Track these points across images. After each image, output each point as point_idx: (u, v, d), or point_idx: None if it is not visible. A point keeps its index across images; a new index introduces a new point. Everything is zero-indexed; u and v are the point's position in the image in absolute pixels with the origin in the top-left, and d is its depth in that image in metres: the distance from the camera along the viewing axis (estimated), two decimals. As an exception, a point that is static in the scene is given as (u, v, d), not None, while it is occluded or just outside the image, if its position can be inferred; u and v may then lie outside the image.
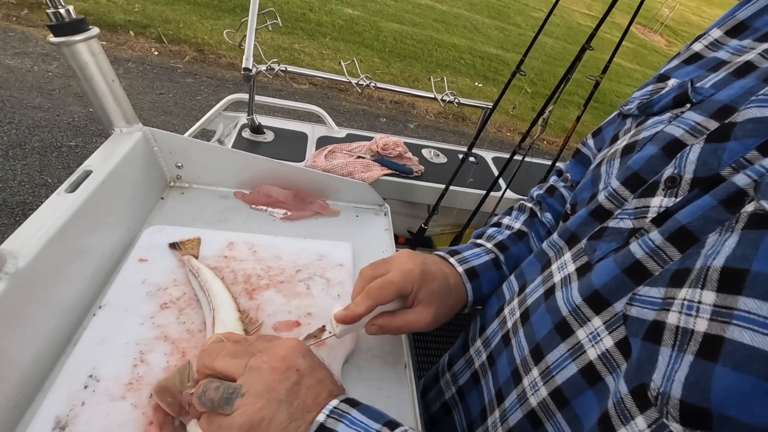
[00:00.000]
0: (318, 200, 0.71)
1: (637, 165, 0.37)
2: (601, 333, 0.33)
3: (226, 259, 0.56)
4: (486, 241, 0.55)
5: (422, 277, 0.45)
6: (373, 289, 0.43)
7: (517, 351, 0.41)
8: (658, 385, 0.26)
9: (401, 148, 1.22)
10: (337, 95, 3.55)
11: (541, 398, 0.37)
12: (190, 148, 0.65)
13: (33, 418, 0.37)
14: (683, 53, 0.44)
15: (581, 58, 0.87)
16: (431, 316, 0.45)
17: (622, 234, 0.35)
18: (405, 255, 0.47)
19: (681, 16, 10.39)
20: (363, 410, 0.34)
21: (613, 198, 0.38)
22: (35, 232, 0.42)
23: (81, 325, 0.46)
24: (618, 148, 0.42)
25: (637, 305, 0.31)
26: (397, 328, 0.45)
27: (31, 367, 0.40)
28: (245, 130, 1.21)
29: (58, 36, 0.50)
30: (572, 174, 0.57)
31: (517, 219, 0.57)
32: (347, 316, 0.42)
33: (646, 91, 0.44)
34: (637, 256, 0.32)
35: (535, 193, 0.59)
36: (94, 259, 0.50)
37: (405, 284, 0.43)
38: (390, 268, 0.45)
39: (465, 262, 0.50)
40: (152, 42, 3.43)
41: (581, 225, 0.40)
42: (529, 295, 0.43)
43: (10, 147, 2.11)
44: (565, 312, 0.37)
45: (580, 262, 0.38)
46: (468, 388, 0.48)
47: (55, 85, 2.65)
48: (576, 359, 0.35)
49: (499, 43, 5.65)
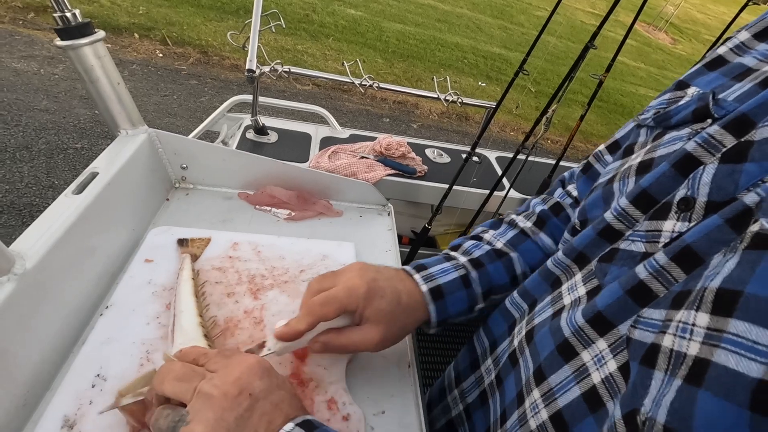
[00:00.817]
0: (321, 201, 0.71)
1: (647, 183, 0.34)
2: (605, 356, 0.32)
3: (230, 259, 0.56)
4: (461, 255, 0.51)
5: (368, 294, 0.42)
6: (314, 305, 0.40)
7: (524, 371, 0.39)
8: (647, 410, 0.25)
9: (404, 148, 1.22)
10: (340, 96, 3.56)
11: (541, 421, 0.35)
12: (195, 150, 0.66)
13: (41, 417, 0.37)
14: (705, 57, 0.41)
15: (584, 57, 0.87)
16: (378, 335, 0.42)
17: (634, 258, 0.33)
18: (355, 269, 0.44)
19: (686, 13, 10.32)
20: None
21: (622, 218, 0.36)
22: (43, 234, 0.42)
23: (88, 325, 0.46)
24: (633, 164, 0.39)
25: (640, 328, 0.29)
26: (342, 347, 0.42)
27: (39, 366, 0.40)
28: (249, 132, 1.21)
29: (65, 39, 0.51)
30: (580, 192, 0.52)
31: (502, 236, 0.53)
32: (286, 333, 0.40)
33: (663, 99, 0.41)
34: (641, 276, 0.31)
35: (538, 209, 0.54)
36: (101, 260, 0.51)
37: (349, 301, 0.41)
38: (336, 282, 0.43)
39: (430, 280, 0.47)
40: (156, 44, 3.45)
41: (589, 245, 0.38)
42: (537, 314, 0.41)
43: (17, 149, 2.13)
44: (567, 333, 0.35)
45: (590, 285, 0.36)
46: (475, 407, 0.47)
47: (60, 87, 2.67)
48: (580, 382, 0.33)
49: (502, 42, 5.64)
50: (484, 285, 0.49)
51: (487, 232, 0.54)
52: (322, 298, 0.41)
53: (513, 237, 0.52)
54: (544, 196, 0.56)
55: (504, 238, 0.52)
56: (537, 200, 0.56)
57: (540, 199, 0.56)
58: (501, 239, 0.52)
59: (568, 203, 0.54)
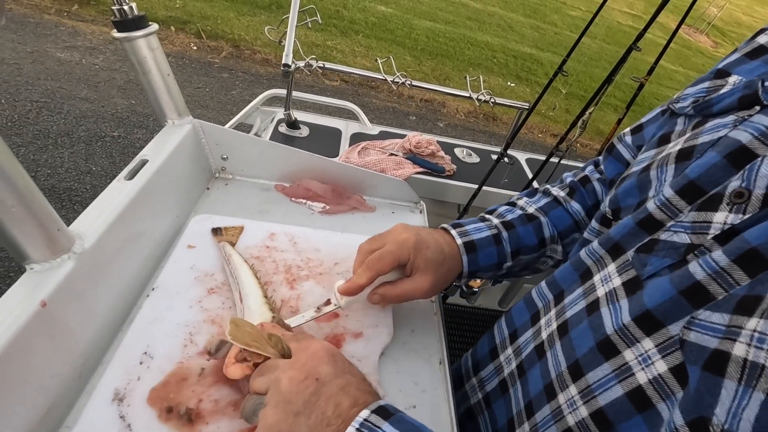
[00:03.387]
0: (355, 195, 0.72)
1: (695, 173, 0.34)
2: (652, 356, 0.31)
3: (267, 249, 0.58)
4: (494, 217, 0.55)
5: (417, 245, 0.46)
6: (372, 261, 0.45)
7: (553, 365, 0.39)
8: (722, 420, 0.25)
9: (434, 147, 1.22)
10: (368, 92, 3.57)
11: (580, 418, 0.35)
12: (236, 141, 0.68)
13: (94, 389, 0.40)
14: (744, 47, 0.40)
15: (626, 59, 0.85)
16: (429, 283, 0.47)
17: (677, 249, 0.33)
18: (400, 227, 0.49)
19: (730, 15, 9.87)
20: (396, 423, 0.31)
21: (665, 208, 0.35)
22: (98, 216, 0.45)
23: (135, 305, 0.49)
24: (672, 152, 0.38)
25: (697, 330, 0.29)
26: (398, 296, 0.47)
27: (92, 341, 0.43)
28: (282, 125, 1.23)
29: (121, 31, 0.53)
30: (606, 171, 0.54)
31: (535, 203, 0.56)
32: (350, 288, 0.44)
33: (702, 87, 0.41)
34: (698, 277, 0.30)
35: (568, 179, 0.58)
36: (148, 244, 0.53)
37: (401, 253, 0.45)
38: (386, 240, 0.47)
39: (465, 235, 0.51)
40: (191, 37, 3.54)
41: (627, 235, 0.38)
42: (568, 306, 0.41)
43: (59, 136, 2.23)
44: (609, 330, 0.35)
45: (627, 276, 0.36)
46: (495, 395, 0.47)
47: (100, 77, 2.77)
48: (622, 381, 0.33)
49: (534, 42, 5.53)
50: (513, 245, 0.53)
51: (521, 199, 0.58)
52: (378, 254, 0.45)
53: (545, 204, 0.56)
54: (576, 171, 0.59)
55: (536, 204, 0.56)
56: (569, 174, 0.60)
57: (572, 173, 0.59)
58: (534, 205, 0.56)
59: (595, 177, 0.56)
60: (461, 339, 1.38)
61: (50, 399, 0.37)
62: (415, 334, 0.53)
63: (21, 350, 0.34)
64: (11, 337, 0.33)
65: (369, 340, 0.49)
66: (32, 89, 2.47)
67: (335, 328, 0.50)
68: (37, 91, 2.47)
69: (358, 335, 0.49)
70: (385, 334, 0.50)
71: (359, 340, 0.49)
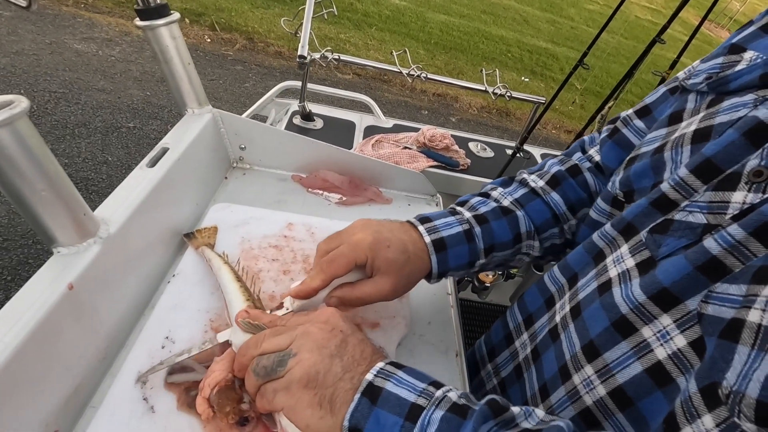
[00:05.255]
0: (371, 187, 0.72)
1: (711, 151, 0.33)
2: (671, 332, 0.32)
3: (285, 238, 0.58)
4: (466, 210, 0.51)
5: (374, 245, 0.43)
6: (324, 263, 0.42)
7: (567, 347, 0.39)
8: (732, 383, 0.25)
9: (448, 141, 1.21)
10: (380, 86, 3.56)
11: (598, 397, 0.35)
12: (254, 131, 0.68)
13: (119, 371, 0.40)
14: (760, 19, 0.38)
15: (650, 52, 0.83)
16: (389, 285, 0.43)
17: (693, 230, 0.32)
18: (359, 224, 0.46)
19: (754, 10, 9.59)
20: (408, 371, 0.35)
21: (679, 187, 0.34)
22: (122, 202, 0.45)
23: (157, 291, 0.49)
24: (686, 132, 0.37)
25: (714, 303, 0.29)
26: (357, 299, 0.43)
27: (116, 324, 0.44)
28: (296, 117, 1.24)
29: (144, 20, 0.54)
30: (605, 157, 0.51)
31: (510, 194, 0.52)
32: (301, 291, 0.41)
33: (716, 63, 0.39)
34: (714, 252, 0.30)
35: (554, 169, 0.53)
36: (169, 230, 0.54)
37: (356, 255, 0.42)
38: (342, 240, 0.44)
39: (434, 232, 0.47)
40: (206, 30, 3.56)
41: (640, 215, 0.37)
42: (581, 289, 0.40)
43: (76, 126, 2.26)
44: (624, 309, 0.35)
45: (640, 256, 0.35)
46: (510, 381, 0.48)
47: (116, 69, 2.81)
48: (641, 358, 0.33)
49: (550, 36, 5.45)
50: (487, 241, 0.49)
51: (496, 190, 0.54)
52: (329, 257, 0.42)
53: (522, 196, 0.52)
54: (561, 158, 0.55)
55: (512, 197, 0.52)
56: (554, 161, 0.55)
57: (557, 160, 0.55)
58: (509, 197, 0.52)
59: (586, 167, 0.53)
60: (472, 335, 1.37)
61: (77, 379, 0.38)
62: (431, 326, 0.53)
63: (49, 331, 0.35)
64: (41, 318, 0.33)
65: (386, 330, 0.49)
66: (51, 80, 2.51)
67: (353, 318, 0.50)
68: (55, 82, 2.51)
69: (375, 325, 0.50)
70: (402, 326, 0.50)
71: (376, 330, 0.49)
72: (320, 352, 0.34)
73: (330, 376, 0.33)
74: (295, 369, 0.33)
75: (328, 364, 0.34)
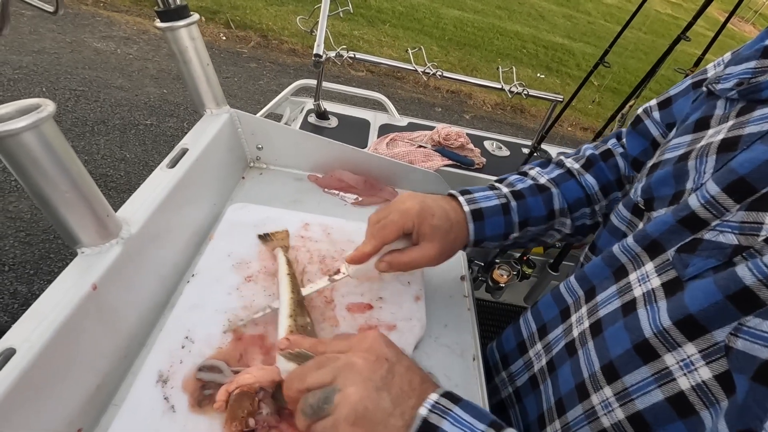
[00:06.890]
0: (387, 187, 0.71)
1: (745, 169, 0.31)
2: (695, 362, 0.30)
3: (302, 239, 0.58)
4: (504, 186, 0.53)
5: (420, 213, 0.46)
6: (375, 230, 0.46)
7: (585, 364, 0.38)
8: None
9: (463, 139, 1.20)
10: (394, 83, 3.54)
11: (616, 420, 0.35)
12: (271, 131, 0.68)
13: (140, 370, 0.41)
14: None
15: (674, 49, 0.81)
16: (435, 250, 0.46)
17: (723, 250, 0.31)
18: (405, 195, 0.49)
19: (778, 3, 9.28)
20: (465, 407, 0.32)
21: (710, 206, 0.33)
22: (143, 203, 0.46)
23: (176, 291, 0.50)
24: (713, 141, 0.36)
25: (745, 338, 0.27)
26: (406, 264, 0.47)
27: (137, 324, 0.44)
28: (311, 116, 1.24)
29: (165, 21, 0.54)
30: (629, 145, 0.53)
31: (547, 173, 0.54)
32: (356, 256, 0.45)
33: (747, 68, 0.37)
34: (747, 282, 0.28)
35: (588, 152, 0.55)
36: (188, 230, 0.54)
37: (405, 221, 0.45)
38: (391, 210, 0.47)
39: (473, 203, 0.50)
40: (221, 27, 3.59)
41: (666, 232, 0.36)
42: (601, 305, 0.39)
43: (95, 123, 2.31)
44: (648, 333, 0.33)
45: (666, 276, 0.34)
46: (525, 391, 0.47)
47: (134, 67, 2.85)
48: (662, 386, 0.32)
49: (566, 31, 5.36)
50: (521, 215, 0.51)
51: (534, 169, 0.56)
52: (381, 224, 0.46)
53: (558, 175, 0.54)
54: (597, 143, 0.57)
55: (548, 176, 0.54)
56: (589, 146, 0.57)
57: (592, 146, 0.57)
58: (545, 176, 0.54)
59: (619, 152, 0.54)
60: (485, 335, 1.36)
61: (99, 377, 0.39)
62: (448, 328, 0.52)
63: (74, 330, 0.35)
64: (66, 317, 0.34)
65: (402, 333, 0.49)
66: (71, 78, 2.56)
67: (369, 319, 0.50)
68: (75, 80, 2.56)
69: (391, 327, 0.49)
70: (418, 328, 0.50)
71: (393, 332, 0.49)
72: (366, 385, 0.32)
73: (379, 413, 0.31)
74: (341, 406, 0.31)
75: (375, 399, 0.32)
